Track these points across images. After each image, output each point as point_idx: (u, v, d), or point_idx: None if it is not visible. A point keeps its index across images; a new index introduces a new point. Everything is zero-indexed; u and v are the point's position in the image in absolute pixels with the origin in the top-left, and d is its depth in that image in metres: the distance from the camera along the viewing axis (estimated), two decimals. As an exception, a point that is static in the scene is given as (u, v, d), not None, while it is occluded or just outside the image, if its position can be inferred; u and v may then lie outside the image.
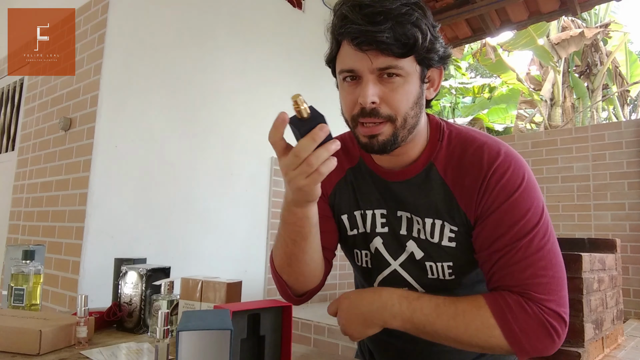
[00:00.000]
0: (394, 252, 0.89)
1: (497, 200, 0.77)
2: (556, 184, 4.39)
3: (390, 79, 0.75)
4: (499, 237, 0.77)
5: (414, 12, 0.75)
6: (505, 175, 0.77)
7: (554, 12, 4.06)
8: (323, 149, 0.67)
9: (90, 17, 2.54)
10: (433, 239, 0.84)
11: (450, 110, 10.07)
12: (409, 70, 0.76)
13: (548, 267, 0.75)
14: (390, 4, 0.73)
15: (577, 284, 2.26)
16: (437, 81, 0.85)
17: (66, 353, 0.82)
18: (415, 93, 0.78)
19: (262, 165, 3.15)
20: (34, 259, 1.11)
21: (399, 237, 0.88)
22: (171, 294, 0.96)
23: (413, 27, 0.74)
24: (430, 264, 0.85)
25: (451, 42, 4.68)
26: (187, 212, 2.66)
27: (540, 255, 0.75)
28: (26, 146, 2.96)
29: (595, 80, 7.36)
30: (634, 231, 3.94)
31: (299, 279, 0.86)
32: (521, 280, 0.74)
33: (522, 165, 0.79)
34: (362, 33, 0.73)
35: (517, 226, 0.76)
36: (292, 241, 0.80)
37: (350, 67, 0.77)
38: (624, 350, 2.56)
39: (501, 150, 0.80)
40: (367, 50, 0.74)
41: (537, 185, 0.80)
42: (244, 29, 3.10)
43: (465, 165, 0.81)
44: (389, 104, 0.76)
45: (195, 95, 2.77)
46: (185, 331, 0.55)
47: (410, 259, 0.87)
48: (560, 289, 0.75)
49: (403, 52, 0.74)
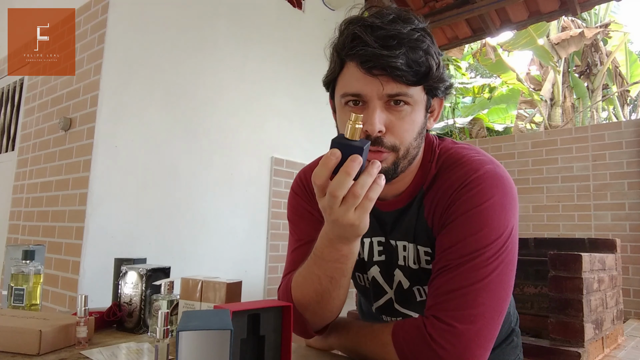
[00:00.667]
0: (389, 280, 0.87)
1: (457, 211, 0.73)
2: (556, 184, 4.40)
3: (398, 107, 0.71)
4: (444, 251, 0.72)
5: (425, 38, 0.72)
6: (473, 190, 0.72)
7: (554, 12, 4.06)
8: (366, 174, 0.63)
9: (90, 17, 2.54)
10: (414, 264, 0.82)
11: (450, 110, 10.07)
12: (417, 99, 0.73)
13: (478, 304, 0.68)
14: (401, 28, 0.69)
15: (577, 284, 2.26)
16: (437, 111, 0.81)
17: (66, 353, 0.82)
18: (420, 123, 0.75)
19: (262, 165, 3.15)
20: (34, 259, 1.11)
21: (390, 265, 0.86)
22: (171, 294, 0.96)
23: (425, 54, 0.71)
24: (417, 287, 0.84)
25: (451, 42, 4.69)
26: (187, 212, 2.66)
27: (476, 288, 0.68)
28: (26, 146, 2.96)
29: (595, 80, 7.36)
30: (634, 231, 3.94)
31: (325, 315, 0.80)
32: (447, 309, 0.69)
33: (499, 186, 0.73)
34: (376, 57, 0.68)
35: (463, 242, 0.71)
36: (328, 278, 0.74)
37: (358, 91, 0.72)
38: (624, 350, 2.56)
39: (482, 168, 0.74)
40: (378, 75, 0.69)
41: (508, 210, 0.72)
42: (244, 29, 3.10)
43: (442, 184, 0.77)
44: (395, 133, 0.72)
45: (195, 95, 2.77)
46: (185, 331, 0.55)
47: (399, 289, 0.86)
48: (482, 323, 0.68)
49: (415, 80, 0.70)
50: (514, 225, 0.73)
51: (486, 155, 0.79)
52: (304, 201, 0.92)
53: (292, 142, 3.36)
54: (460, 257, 0.70)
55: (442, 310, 0.69)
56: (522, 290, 2.71)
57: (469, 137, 8.60)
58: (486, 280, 0.69)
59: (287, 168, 3.28)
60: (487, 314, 0.68)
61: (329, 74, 0.79)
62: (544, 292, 2.54)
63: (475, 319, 0.67)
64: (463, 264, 0.70)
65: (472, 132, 8.61)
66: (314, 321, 0.81)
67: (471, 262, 0.69)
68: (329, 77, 0.79)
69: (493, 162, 0.77)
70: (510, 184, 0.75)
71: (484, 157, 0.77)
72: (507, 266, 0.71)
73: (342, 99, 0.75)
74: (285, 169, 3.27)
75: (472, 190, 0.72)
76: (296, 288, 0.79)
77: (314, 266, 0.75)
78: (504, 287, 0.71)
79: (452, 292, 0.69)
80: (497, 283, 0.69)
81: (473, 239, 0.70)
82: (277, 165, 3.22)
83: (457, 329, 0.67)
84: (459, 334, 0.67)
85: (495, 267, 0.69)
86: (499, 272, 0.70)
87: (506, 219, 0.72)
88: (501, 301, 0.70)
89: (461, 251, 0.70)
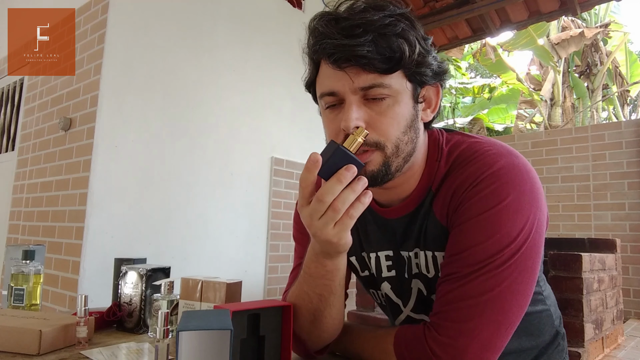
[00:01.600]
0: (403, 296, 0.82)
1: (466, 214, 0.67)
2: (556, 184, 4.40)
3: (377, 101, 0.66)
4: (452, 256, 0.67)
5: (399, 22, 0.66)
6: (485, 190, 0.66)
7: (554, 12, 4.06)
8: (349, 189, 0.58)
9: (90, 17, 2.54)
10: (429, 273, 0.77)
11: (450, 110, 10.08)
12: (398, 89, 0.67)
13: (485, 317, 0.63)
14: (371, 16, 0.64)
15: (577, 284, 2.26)
16: (434, 101, 0.74)
17: (66, 353, 0.82)
18: (407, 115, 0.69)
19: (262, 165, 3.15)
20: (34, 259, 1.11)
21: (404, 280, 0.80)
22: (171, 294, 0.96)
23: (398, 38, 0.65)
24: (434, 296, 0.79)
25: (451, 42, 4.68)
26: (187, 212, 2.66)
27: (484, 300, 0.63)
28: (26, 146, 2.96)
29: (595, 80, 7.36)
30: (634, 231, 3.94)
31: (321, 335, 0.76)
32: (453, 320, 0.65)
33: (516, 183, 0.66)
34: (339, 48, 0.64)
35: (473, 249, 0.65)
36: (318, 296, 0.71)
37: (330, 88, 0.67)
38: (624, 350, 2.56)
39: (496, 163, 0.67)
40: (346, 67, 0.65)
41: (526, 208, 0.66)
42: (244, 28, 3.10)
43: (452, 183, 0.71)
44: (377, 129, 0.66)
45: (195, 95, 2.77)
46: (185, 331, 0.55)
47: (419, 298, 0.81)
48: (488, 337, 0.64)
49: (388, 67, 0.65)
50: (534, 223, 0.66)
51: (504, 147, 0.71)
52: None
53: (292, 142, 3.36)
54: (469, 265, 0.65)
55: (447, 320, 0.65)
56: (522, 290, 2.71)
57: (469, 137, 8.58)
58: (497, 290, 0.63)
59: (287, 168, 3.28)
60: (492, 325, 0.64)
61: (306, 76, 0.75)
62: (544, 292, 2.54)
63: (481, 332, 0.63)
64: (472, 272, 0.65)
65: (472, 132, 8.61)
66: (312, 341, 0.77)
67: (481, 270, 0.64)
68: (308, 81, 0.75)
69: (511, 154, 0.69)
70: (531, 176, 0.68)
71: (500, 149, 0.70)
72: (522, 273, 0.65)
73: (321, 101, 0.72)
74: (285, 169, 3.27)
75: (485, 190, 0.66)
76: (294, 310, 0.76)
77: (303, 284, 0.72)
78: (517, 296, 0.65)
79: (458, 301, 0.65)
80: (508, 293, 0.64)
81: (483, 247, 0.65)
82: (277, 165, 3.23)
83: (460, 343, 0.63)
84: (462, 349, 0.63)
85: (507, 275, 0.64)
86: (512, 281, 0.64)
87: (523, 219, 0.65)
88: (513, 311, 0.65)
89: (470, 259, 0.65)
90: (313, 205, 0.60)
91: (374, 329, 0.79)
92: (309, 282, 0.71)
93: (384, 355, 0.71)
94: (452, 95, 10.28)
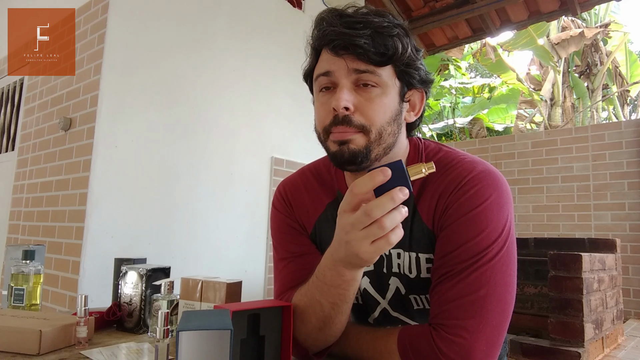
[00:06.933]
0: (381, 290, 0.84)
1: (454, 215, 0.72)
2: (556, 184, 4.40)
3: (367, 89, 0.73)
4: (445, 256, 0.71)
5: (396, 28, 0.73)
6: (469, 192, 0.72)
7: (554, 12, 4.07)
8: (396, 211, 0.58)
9: (90, 17, 2.54)
10: (411, 273, 0.79)
11: (450, 110, 10.08)
12: (387, 82, 0.74)
13: (486, 311, 0.67)
14: (372, 18, 0.72)
15: (577, 284, 2.26)
16: (418, 105, 0.81)
17: (66, 353, 0.82)
18: (393, 108, 0.75)
19: (262, 165, 3.15)
20: (34, 259, 1.11)
21: (383, 275, 0.83)
22: (171, 294, 0.96)
23: (392, 39, 0.72)
24: (414, 296, 0.82)
25: (451, 42, 4.69)
26: (187, 212, 2.66)
27: (482, 294, 0.67)
28: (26, 146, 2.96)
29: (595, 80, 7.37)
30: (634, 231, 3.94)
31: (327, 339, 0.76)
32: (455, 318, 0.68)
33: (495, 186, 0.73)
34: (339, 35, 0.71)
35: (465, 246, 0.70)
36: (331, 304, 0.71)
37: (326, 69, 0.74)
38: (624, 350, 2.57)
39: (475, 169, 0.74)
40: (343, 54, 0.72)
41: (504, 207, 0.72)
42: (244, 29, 3.10)
43: (437, 188, 0.76)
44: (364, 113, 0.72)
45: (195, 95, 2.77)
46: (185, 331, 0.56)
47: (396, 296, 0.83)
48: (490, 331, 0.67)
49: (380, 61, 0.72)
50: (510, 221, 0.73)
51: (474, 156, 0.80)
52: (284, 215, 0.91)
53: (292, 142, 3.36)
54: (463, 261, 0.69)
55: (449, 318, 0.68)
56: (522, 290, 2.71)
57: (469, 137, 8.60)
58: (492, 283, 0.68)
59: (287, 168, 3.28)
60: (494, 320, 0.67)
61: (306, 65, 0.82)
62: (544, 292, 2.54)
63: (484, 327, 0.67)
64: (466, 268, 0.69)
65: (472, 132, 8.61)
66: (316, 345, 0.77)
67: (475, 265, 0.68)
68: (307, 69, 0.82)
69: (484, 162, 0.78)
70: (504, 180, 0.76)
71: (474, 158, 0.78)
72: (509, 265, 0.71)
73: (315, 84, 0.78)
74: (285, 169, 3.27)
75: (470, 191, 0.72)
76: (298, 316, 0.75)
77: (315, 292, 0.72)
78: (509, 288, 0.70)
79: (458, 299, 0.68)
80: (502, 285, 0.69)
81: (474, 243, 0.69)
82: (277, 165, 3.23)
83: (467, 340, 0.66)
84: (469, 347, 0.66)
85: (498, 268, 0.69)
86: (502, 273, 0.69)
87: (504, 215, 0.72)
88: (508, 304, 0.70)
89: (463, 256, 0.69)
90: (358, 215, 0.59)
91: (373, 329, 0.79)
92: (323, 291, 0.70)
93: (387, 355, 0.71)
94: (452, 95, 10.27)
